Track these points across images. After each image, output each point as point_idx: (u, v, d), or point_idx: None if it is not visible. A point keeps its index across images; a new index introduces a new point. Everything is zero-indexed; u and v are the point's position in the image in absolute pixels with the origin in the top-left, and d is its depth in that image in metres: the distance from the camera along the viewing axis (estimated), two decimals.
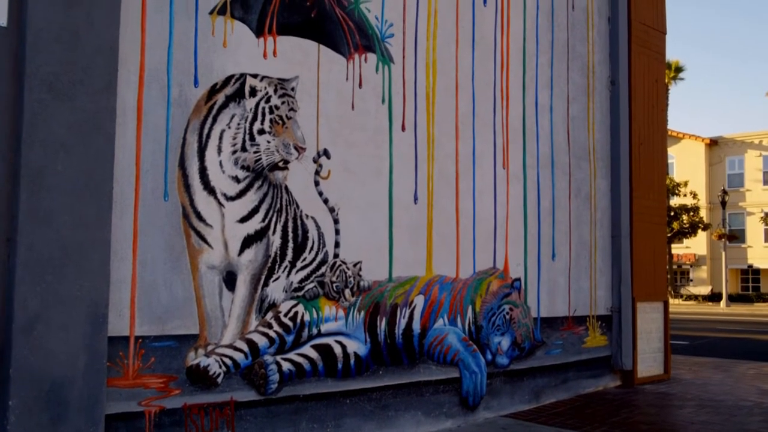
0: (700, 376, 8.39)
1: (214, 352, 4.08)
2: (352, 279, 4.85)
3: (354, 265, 4.87)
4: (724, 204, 38.47)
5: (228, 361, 4.13)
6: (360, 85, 5.03)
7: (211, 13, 4.23)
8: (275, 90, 4.47)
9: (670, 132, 42.90)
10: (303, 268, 4.60)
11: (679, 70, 44.12)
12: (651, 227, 7.92)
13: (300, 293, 4.57)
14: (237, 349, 4.19)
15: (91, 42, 3.47)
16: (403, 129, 5.32)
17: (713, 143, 46.17)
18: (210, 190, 4.14)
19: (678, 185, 39.55)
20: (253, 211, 4.34)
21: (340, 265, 4.79)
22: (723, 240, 39.34)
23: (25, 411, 3.14)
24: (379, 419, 4.91)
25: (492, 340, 5.83)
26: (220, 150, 4.19)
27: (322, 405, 4.57)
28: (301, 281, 4.59)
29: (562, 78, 6.94)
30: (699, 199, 41.29)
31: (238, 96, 4.29)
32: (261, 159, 4.37)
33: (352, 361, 4.79)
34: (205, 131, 4.14)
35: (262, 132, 4.37)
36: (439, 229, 5.54)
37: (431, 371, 5.32)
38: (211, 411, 4.02)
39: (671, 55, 57.73)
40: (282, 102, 4.50)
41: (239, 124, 4.28)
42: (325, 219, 4.75)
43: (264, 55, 4.47)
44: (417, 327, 5.25)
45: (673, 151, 45.11)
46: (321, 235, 4.72)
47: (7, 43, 3.26)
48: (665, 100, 13.51)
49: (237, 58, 4.32)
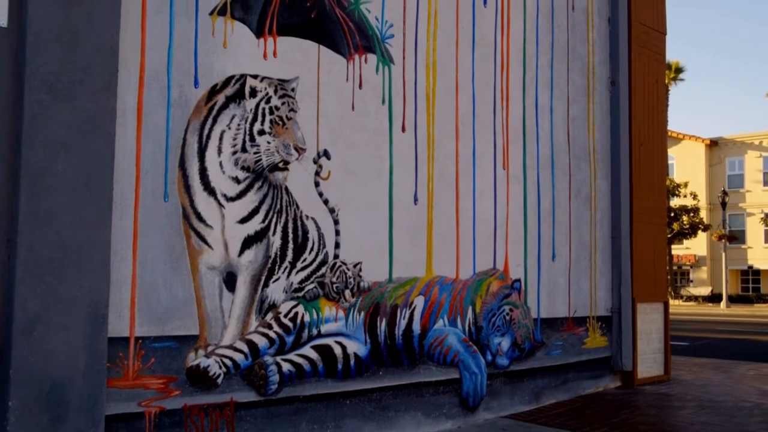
0: (700, 377, 8.39)
1: (214, 352, 4.08)
2: (352, 280, 4.84)
3: (354, 266, 4.87)
4: (724, 205, 38.48)
5: (228, 362, 4.13)
6: (360, 86, 5.03)
7: (212, 14, 4.23)
8: (275, 91, 4.47)
9: (670, 133, 42.90)
10: (303, 268, 4.60)
11: (679, 70, 44.15)
12: (651, 228, 7.92)
13: (300, 294, 4.57)
14: (237, 350, 4.19)
15: (92, 42, 3.47)
16: (404, 130, 5.32)
17: (713, 144, 46.19)
18: (210, 190, 4.14)
19: (678, 186, 39.56)
20: (253, 212, 4.34)
21: (340, 266, 4.79)
22: (723, 241, 39.35)
23: (25, 412, 3.14)
24: (379, 420, 4.91)
25: (492, 340, 5.82)
26: (220, 151, 4.19)
27: (322, 406, 4.57)
28: (301, 282, 4.59)
29: (562, 79, 6.94)
30: (699, 200, 41.31)
31: (238, 97, 4.29)
32: (261, 160, 4.37)
33: (352, 362, 4.79)
34: (206, 132, 4.14)
35: (262, 133, 4.37)
36: (439, 230, 5.54)
37: (431, 372, 5.32)
38: (211, 412, 4.02)
39: (671, 56, 57.80)
40: (282, 103, 4.50)
41: (239, 124, 4.28)
42: (325, 220, 4.75)
43: (264, 56, 4.47)
44: (417, 328, 5.25)
45: (673, 152, 45.13)
46: (321, 236, 4.71)
47: (7, 44, 3.26)
48: (665, 100, 13.51)
49: (237, 58, 4.32)
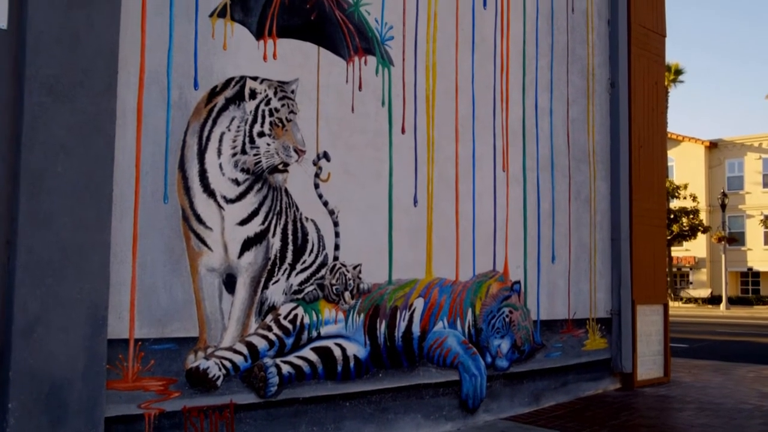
0: (699, 378, 8.38)
1: (213, 354, 4.08)
2: (351, 282, 4.84)
3: (354, 268, 4.87)
4: (723, 207, 38.47)
5: (228, 364, 4.13)
6: (360, 88, 5.03)
7: (211, 16, 4.24)
8: (275, 93, 4.48)
9: (669, 134, 42.90)
10: (303, 270, 4.60)
11: (679, 72, 44.14)
12: (651, 230, 7.92)
13: (300, 296, 4.57)
14: (237, 352, 4.19)
15: (92, 44, 3.47)
16: (403, 132, 5.32)
17: (713, 146, 46.19)
18: (210, 192, 4.14)
19: (678, 188, 39.53)
20: (253, 214, 4.34)
21: (339, 268, 4.79)
22: (723, 243, 39.34)
23: (25, 413, 3.14)
24: (379, 422, 4.90)
25: (492, 342, 5.82)
26: (219, 152, 4.19)
27: (321, 408, 4.57)
28: (301, 284, 4.59)
29: (561, 81, 6.95)
30: (699, 202, 41.28)
31: (237, 98, 4.30)
32: (261, 161, 4.37)
33: (351, 364, 4.79)
34: (205, 134, 4.14)
35: (262, 134, 4.37)
36: (439, 232, 5.54)
37: (431, 374, 5.31)
38: (211, 414, 4.02)
39: (671, 58, 57.81)
40: (282, 104, 4.50)
41: (239, 126, 4.29)
42: (325, 222, 4.75)
43: (264, 58, 4.48)
44: (417, 330, 5.25)
45: (673, 154, 45.12)
46: (321, 238, 4.72)
47: (8, 46, 3.27)
48: (665, 102, 13.51)
49: (237, 60, 4.33)
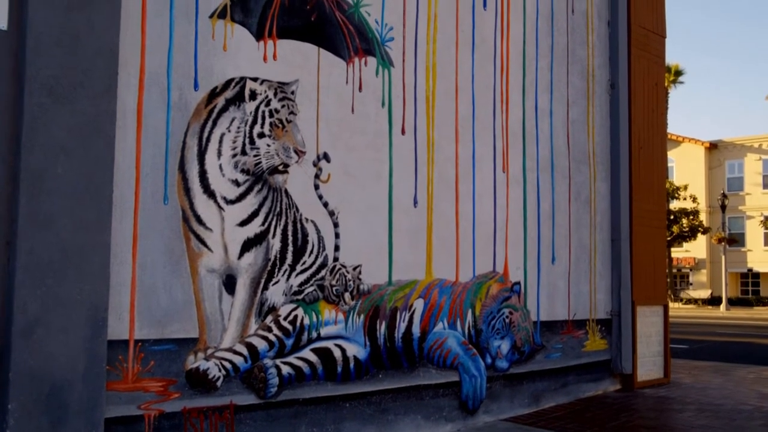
0: (699, 380, 8.38)
1: (213, 355, 4.08)
2: (351, 282, 4.84)
3: (354, 269, 4.87)
4: (723, 208, 38.48)
5: (227, 365, 4.13)
6: (360, 89, 5.03)
7: (212, 17, 4.24)
8: (275, 93, 4.48)
9: (669, 135, 42.91)
10: (303, 271, 4.60)
11: (679, 73, 44.15)
12: (651, 231, 7.92)
13: (300, 297, 4.56)
14: (236, 353, 4.18)
15: (92, 45, 3.48)
16: (403, 132, 5.32)
17: (713, 147, 46.19)
18: (210, 193, 4.15)
19: (678, 189, 39.53)
20: (253, 215, 4.34)
21: (339, 269, 4.79)
22: (723, 244, 39.34)
23: (25, 414, 3.14)
24: (379, 423, 4.90)
25: (492, 343, 5.82)
26: (220, 153, 4.19)
27: (321, 409, 4.57)
28: (301, 285, 4.59)
29: (561, 81, 6.95)
30: (699, 203, 41.27)
31: (238, 99, 4.30)
32: (261, 162, 4.38)
33: (351, 365, 4.78)
34: (205, 135, 4.15)
35: (262, 135, 4.37)
36: (439, 233, 5.54)
37: (431, 375, 5.31)
38: (211, 415, 4.01)
39: (671, 59, 57.82)
40: (282, 105, 4.50)
41: (239, 127, 4.29)
42: (325, 222, 4.75)
43: (264, 59, 4.48)
44: (417, 330, 5.25)
45: (673, 155, 45.12)
46: (321, 239, 4.72)
47: (8, 47, 3.27)
48: (665, 103, 13.51)
49: (237, 61, 4.33)
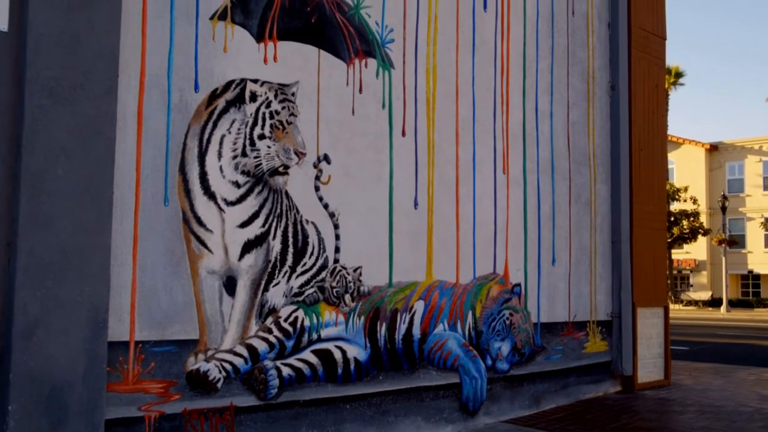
0: (700, 381, 8.38)
1: (214, 357, 4.07)
2: (352, 284, 4.84)
3: (354, 271, 4.87)
4: (724, 209, 38.48)
5: (228, 366, 4.13)
6: (360, 91, 5.04)
7: (212, 19, 4.24)
8: (276, 95, 4.48)
9: (670, 137, 42.93)
10: (303, 273, 4.60)
11: (679, 75, 44.19)
12: (651, 232, 7.92)
13: (300, 298, 4.56)
14: (237, 354, 4.18)
15: (92, 47, 3.48)
16: (404, 134, 5.32)
17: (713, 149, 46.20)
18: (210, 195, 4.15)
19: (678, 190, 39.54)
20: (254, 216, 4.34)
21: (340, 271, 4.79)
22: (723, 245, 39.33)
23: (25, 415, 3.13)
24: (379, 425, 4.90)
25: (492, 345, 5.82)
26: (220, 155, 4.19)
27: (322, 410, 4.56)
28: (302, 286, 4.59)
29: (562, 83, 6.95)
30: (699, 205, 41.28)
31: (238, 101, 4.30)
32: (261, 164, 4.38)
33: (352, 367, 4.78)
34: (206, 136, 4.15)
35: (262, 137, 4.38)
36: (440, 235, 5.54)
37: (431, 376, 5.31)
38: (211, 416, 4.01)
39: (671, 61, 57.87)
40: (282, 107, 4.50)
41: (239, 129, 4.29)
42: (326, 224, 4.75)
43: (264, 61, 4.48)
44: (417, 332, 5.25)
45: (673, 157, 45.13)
46: (321, 240, 4.72)
47: (8, 48, 3.27)
48: (665, 105, 13.52)
49: (237, 63, 4.33)
